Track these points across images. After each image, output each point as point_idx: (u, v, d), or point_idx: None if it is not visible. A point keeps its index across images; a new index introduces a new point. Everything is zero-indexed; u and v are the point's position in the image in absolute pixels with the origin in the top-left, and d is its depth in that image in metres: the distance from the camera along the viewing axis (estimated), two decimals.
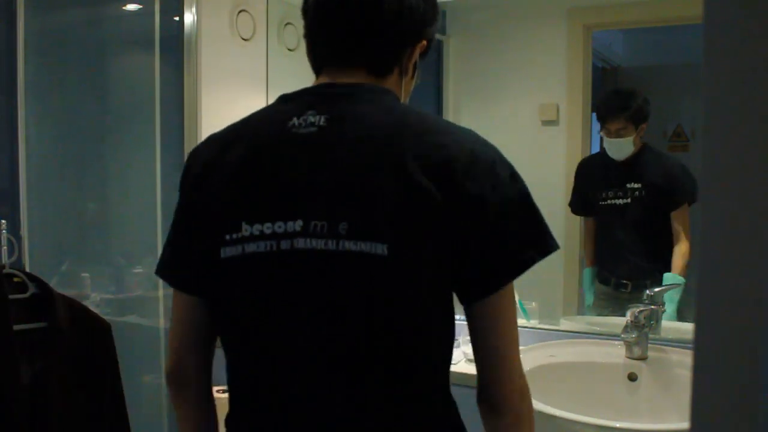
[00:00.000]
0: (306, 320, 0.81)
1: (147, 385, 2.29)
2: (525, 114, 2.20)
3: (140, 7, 2.30)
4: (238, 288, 0.84)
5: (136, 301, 2.28)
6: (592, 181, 2.18)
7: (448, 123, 0.89)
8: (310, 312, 0.81)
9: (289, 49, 2.49)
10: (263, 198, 0.83)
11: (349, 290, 0.80)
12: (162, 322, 2.29)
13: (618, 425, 1.37)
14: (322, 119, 0.83)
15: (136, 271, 2.28)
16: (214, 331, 0.94)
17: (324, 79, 0.91)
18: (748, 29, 0.38)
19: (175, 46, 2.17)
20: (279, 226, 0.81)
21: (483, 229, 0.80)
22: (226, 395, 0.98)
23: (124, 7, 2.34)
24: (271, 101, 2.62)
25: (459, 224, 0.79)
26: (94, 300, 2.13)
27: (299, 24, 0.97)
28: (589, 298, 2.17)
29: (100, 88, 2.26)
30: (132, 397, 1.68)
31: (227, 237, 0.83)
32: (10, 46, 1.92)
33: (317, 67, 0.93)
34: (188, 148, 2.18)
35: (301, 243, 0.80)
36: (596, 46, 2.16)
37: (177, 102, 2.19)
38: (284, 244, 0.80)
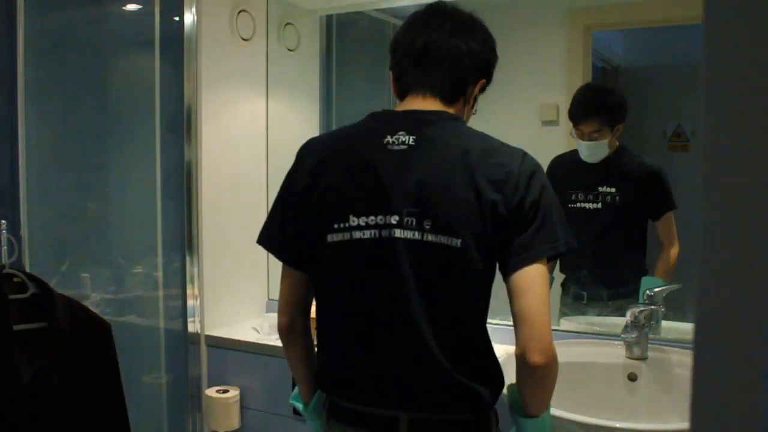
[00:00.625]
0: (400, 288, 1.09)
1: (147, 385, 2.29)
2: (525, 114, 2.20)
3: (140, 7, 2.30)
4: (343, 264, 1.13)
5: (136, 301, 2.28)
6: (563, 181, 2.06)
7: (503, 144, 1.16)
8: (402, 280, 1.08)
9: (289, 50, 2.49)
10: (367, 197, 1.10)
11: (431, 268, 1.08)
12: (162, 322, 2.29)
13: (618, 425, 1.37)
14: (411, 139, 1.11)
15: (136, 271, 2.28)
16: (311, 294, 1.23)
17: (408, 106, 1.17)
18: (748, 29, 0.38)
19: (175, 46, 2.17)
20: (380, 219, 1.09)
21: (520, 223, 1.09)
22: (225, 395, 1.09)
23: (124, 7, 2.34)
24: (271, 101, 2.63)
25: (512, 221, 1.08)
26: (94, 300, 2.13)
27: (299, 24, 1.05)
28: None
29: (100, 88, 2.26)
30: (132, 397, 1.68)
31: (335, 226, 1.11)
32: (10, 46, 1.92)
33: (402, 95, 1.20)
34: (188, 148, 2.19)
35: (397, 233, 1.08)
36: (596, 46, 2.16)
37: (177, 102, 2.19)
38: (384, 233, 1.09)
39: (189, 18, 2.15)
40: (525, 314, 1.07)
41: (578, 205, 2.03)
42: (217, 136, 2.25)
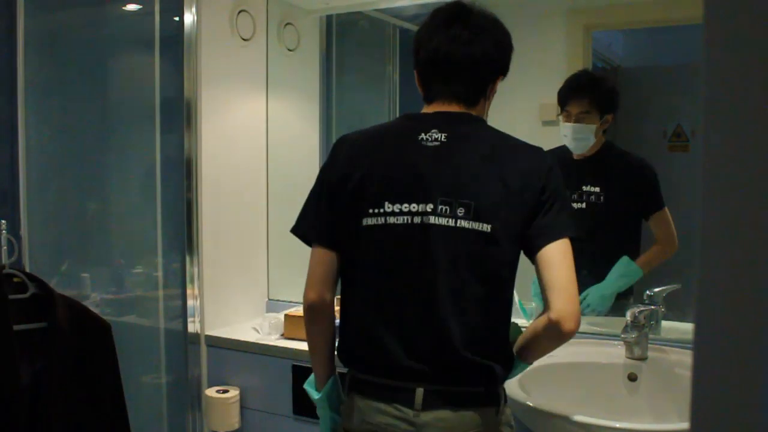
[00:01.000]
0: (429, 270, 1.19)
1: (147, 385, 2.29)
2: (525, 114, 2.19)
3: (140, 7, 2.30)
4: (376, 246, 1.23)
5: (136, 301, 2.28)
6: None
7: (523, 142, 1.28)
8: (433, 263, 1.19)
9: (289, 49, 2.49)
10: (403, 187, 1.21)
11: (462, 251, 1.19)
12: (162, 322, 2.29)
13: (618, 425, 1.37)
14: (443, 136, 1.23)
15: (136, 271, 2.28)
16: (338, 274, 1.30)
17: (437, 108, 1.28)
18: (748, 29, 0.38)
19: (175, 46, 2.17)
20: (413, 207, 1.20)
21: (542, 207, 1.21)
22: (225, 395, 1.08)
23: (124, 7, 2.34)
24: (271, 101, 2.63)
25: (533, 207, 1.21)
26: (94, 300, 2.13)
27: (299, 24, 1.06)
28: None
29: (100, 88, 2.26)
30: (132, 397, 1.68)
31: (370, 210, 1.22)
32: (10, 46, 1.92)
33: (429, 99, 1.30)
34: (188, 148, 2.19)
35: (432, 219, 1.19)
36: (596, 47, 2.16)
37: (177, 102, 2.19)
38: (416, 219, 1.20)
39: (189, 18, 2.15)
40: (561, 283, 1.18)
41: None
42: (217, 136, 2.25)
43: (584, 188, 1.94)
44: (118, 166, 2.29)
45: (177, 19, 2.17)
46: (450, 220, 1.18)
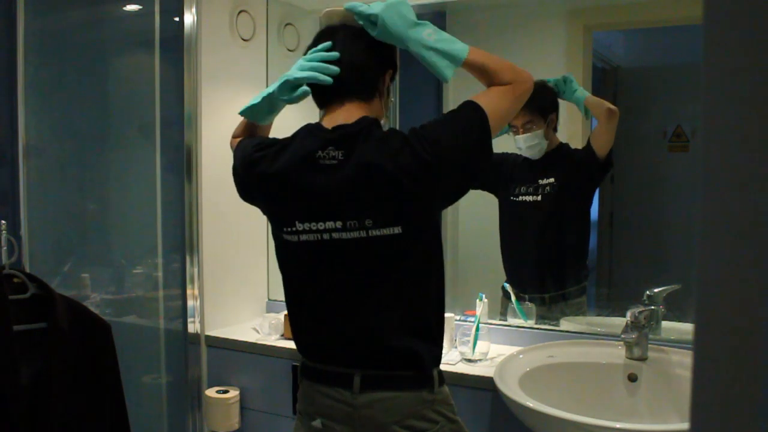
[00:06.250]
0: (346, 279, 1.29)
1: (147, 385, 2.29)
2: None
3: (140, 7, 2.30)
4: (295, 259, 1.34)
5: (136, 301, 2.28)
6: (510, 174, 2.11)
7: (397, 133, 1.28)
8: (348, 273, 1.28)
9: (289, 50, 2.49)
10: (309, 206, 1.27)
11: (379, 254, 1.26)
12: (162, 323, 2.29)
13: (618, 425, 1.37)
14: (340, 154, 1.26)
15: (136, 271, 2.28)
16: None
17: (331, 118, 1.32)
18: (748, 29, 0.38)
19: (175, 46, 2.17)
20: (320, 225, 1.27)
21: (444, 175, 1.27)
22: (225, 395, 1.09)
23: (124, 7, 2.34)
24: None
25: (438, 193, 1.27)
26: (94, 300, 2.13)
27: (299, 25, 1.06)
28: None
29: (100, 88, 2.26)
30: (132, 397, 1.68)
31: (285, 229, 1.31)
32: (10, 46, 1.92)
33: (321, 106, 1.37)
34: (188, 148, 2.18)
35: (342, 235, 1.26)
36: (596, 47, 2.16)
37: (177, 102, 2.19)
38: (325, 236, 1.27)
39: (189, 18, 2.15)
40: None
41: (521, 198, 2.08)
42: (217, 137, 2.25)
43: (540, 182, 2.05)
44: (118, 166, 2.29)
45: (177, 19, 2.17)
46: (361, 231, 1.25)
